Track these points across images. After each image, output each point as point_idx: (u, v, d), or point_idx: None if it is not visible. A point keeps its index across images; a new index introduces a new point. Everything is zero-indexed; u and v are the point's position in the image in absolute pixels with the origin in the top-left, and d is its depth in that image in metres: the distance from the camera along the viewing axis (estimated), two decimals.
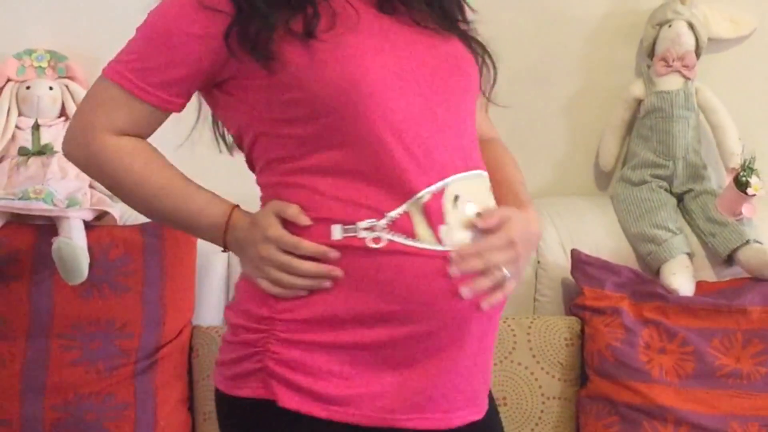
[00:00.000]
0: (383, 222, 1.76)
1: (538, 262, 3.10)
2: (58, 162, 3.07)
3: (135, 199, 1.92)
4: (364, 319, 1.79)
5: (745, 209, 3.01)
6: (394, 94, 1.79)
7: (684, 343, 2.88)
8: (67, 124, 3.07)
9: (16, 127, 3.12)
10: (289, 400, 1.80)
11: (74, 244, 2.83)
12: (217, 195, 1.89)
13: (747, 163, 2.98)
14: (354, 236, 1.76)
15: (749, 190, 2.96)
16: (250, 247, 1.82)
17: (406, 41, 1.86)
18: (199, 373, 2.96)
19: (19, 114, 3.14)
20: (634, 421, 2.84)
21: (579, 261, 3.00)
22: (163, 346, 2.93)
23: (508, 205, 1.89)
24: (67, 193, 2.96)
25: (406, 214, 1.77)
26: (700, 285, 2.99)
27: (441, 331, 1.81)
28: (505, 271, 1.80)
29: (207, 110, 1.99)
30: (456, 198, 1.80)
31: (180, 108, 1.89)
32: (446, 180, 1.80)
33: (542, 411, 2.93)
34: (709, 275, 3.06)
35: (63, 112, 3.19)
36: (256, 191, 1.91)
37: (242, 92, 1.84)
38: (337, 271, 1.76)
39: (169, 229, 2.96)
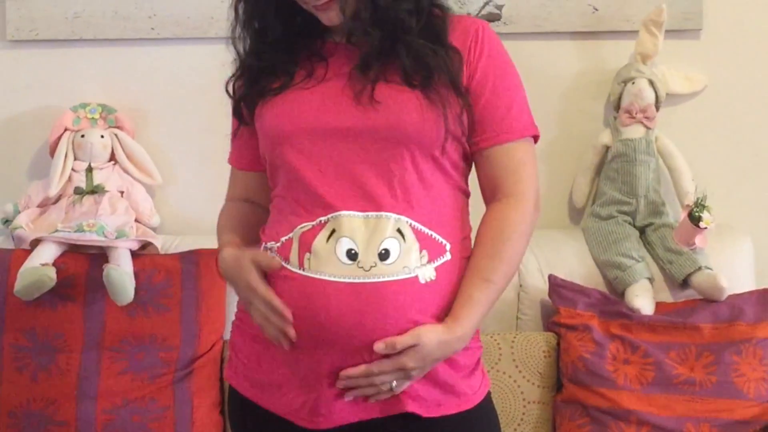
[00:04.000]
0: (277, 245, 1.89)
1: (521, 285, 3.08)
2: (109, 200, 3.11)
3: None
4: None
5: (698, 240, 3.00)
6: (301, 146, 1.89)
7: (645, 355, 2.89)
8: (116, 168, 3.19)
9: (72, 169, 3.17)
10: (226, 374, 2.05)
11: (122, 270, 2.88)
12: (234, 239, 2.04)
13: (699, 201, 2.98)
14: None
15: (701, 224, 2.95)
16: (236, 284, 1.96)
17: (334, 106, 1.88)
18: None
19: (75, 158, 3.18)
20: (602, 422, 2.85)
21: (555, 284, 3.01)
22: (198, 357, 2.96)
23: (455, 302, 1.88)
24: (116, 226, 3.03)
25: (290, 240, 1.87)
26: (659, 305, 2.99)
27: (300, 346, 1.85)
28: (393, 384, 1.84)
29: None
30: (332, 232, 1.83)
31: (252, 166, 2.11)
32: (330, 215, 1.84)
33: (523, 413, 2.93)
34: (667, 297, 3.05)
35: (112, 157, 3.22)
36: None
37: None
38: (292, 333, 1.84)
39: (203, 257, 3.00)
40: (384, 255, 1.83)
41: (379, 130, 1.86)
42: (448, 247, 1.89)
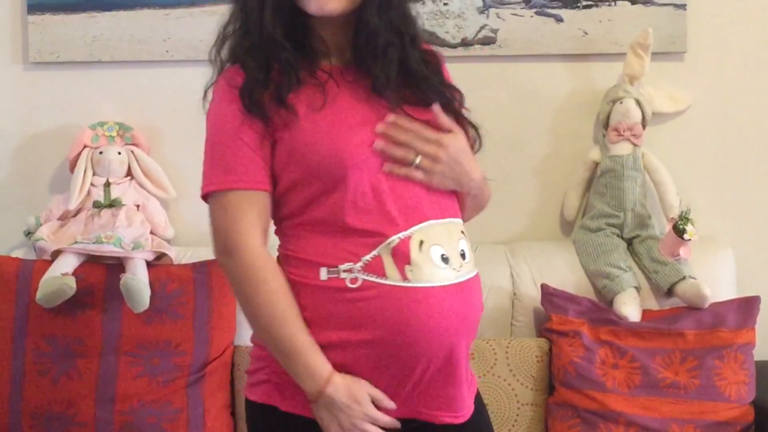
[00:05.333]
0: (359, 265, 1.81)
1: (515, 294, 3.10)
2: (126, 213, 3.11)
3: (255, 313, 1.86)
4: (343, 345, 1.83)
5: (682, 251, 3.02)
6: (369, 164, 1.84)
7: (633, 360, 2.90)
8: (132, 182, 3.18)
9: (91, 184, 3.18)
10: (287, 406, 1.88)
11: (138, 279, 2.89)
12: (315, 344, 1.84)
13: (683, 214, 3.00)
14: (337, 277, 1.82)
15: (685, 236, 2.97)
16: (346, 414, 1.81)
17: (380, 117, 1.89)
18: (239, 385, 2.99)
19: (93, 174, 3.20)
20: (592, 423, 2.86)
21: (547, 293, 3.02)
22: (210, 362, 2.98)
23: None
24: (133, 238, 3.04)
25: (378, 257, 1.82)
26: (645, 313, 3.00)
27: (407, 351, 1.83)
28: (417, 158, 1.86)
29: None
30: (421, 243, 1.84)
31: (270, 186, 1.89)
32: (413, 228, 1.84)
33: (518, 415, 2.95)
34: (653, 305, 3.06)
35: (129, 173, 3.23)
36: None
37: (277, 153, 1.87)
38: None
39: (215, 267, 2.98)
40: (463, 255, 1.91)
41: None
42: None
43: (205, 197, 1.89)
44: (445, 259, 1.87)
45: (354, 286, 1.81)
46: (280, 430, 1.92)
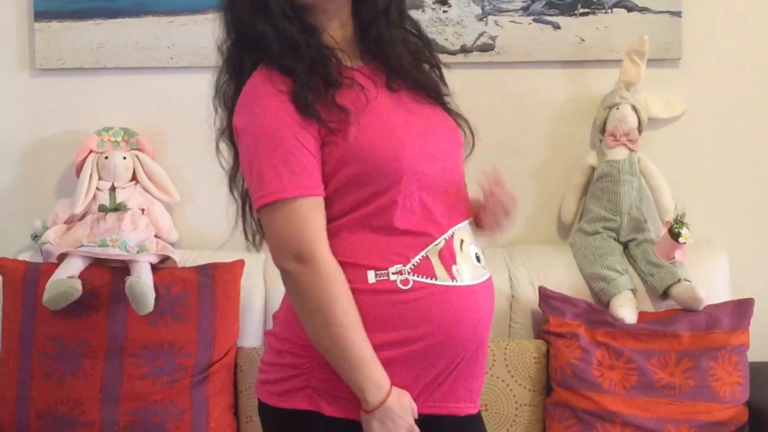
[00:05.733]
0: (408, 266, 1.81)
1: (513, 296, 3.10)
2: (131, 217, 3.12)
3: (327, 321, 1.78)
4: (391, 344, 1.81)
5: (678, 254, 3.01)
6: (422, 163, 1.83)
7: (629, 361, 2.91)
8: (137, 187, 3.18)
9: (97, 189, 3.19)
10: (332, 410, 1.84)
11: (143, 282, 2.89)
12: (377, 359, 1.81)
13: (679, 218, 3.00)
14: (386, 279, 1.81)
15: (681, 239, 2.97)
16: (396, 422, 1.80)
17: (421, 114, 1.90)
18: (242, 385, 3.00)
19: (99, 178, 3.20)
20: (589, 423, 2.87)
21: (545, 295, 3.03)
22: (213, 363, 2.97)
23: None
24: (138, 241, 3.05)
25: (427, 258, 1.83)
26: (641, 315, 3.01)
27: (451, 344, 1.84)
28: (506, 217, 1.95)
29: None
30: (461, 242, 1.88)
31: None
32: (453, 228, 1.87)
33: (516, 415, 2.96)
34: (649, 307, 3.07)
35: (134, 177, 3.24)
36: None
37: (326, 156, 1.81)
38: None
39: (219, 269, 3.01)
40: (483, 253, 1.96)
41: (461, 146, 1.98)
42: None
43: (263, 205, 1.81)
44: (478, 258, 1.93)
45: (405, 287, 1.81)
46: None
